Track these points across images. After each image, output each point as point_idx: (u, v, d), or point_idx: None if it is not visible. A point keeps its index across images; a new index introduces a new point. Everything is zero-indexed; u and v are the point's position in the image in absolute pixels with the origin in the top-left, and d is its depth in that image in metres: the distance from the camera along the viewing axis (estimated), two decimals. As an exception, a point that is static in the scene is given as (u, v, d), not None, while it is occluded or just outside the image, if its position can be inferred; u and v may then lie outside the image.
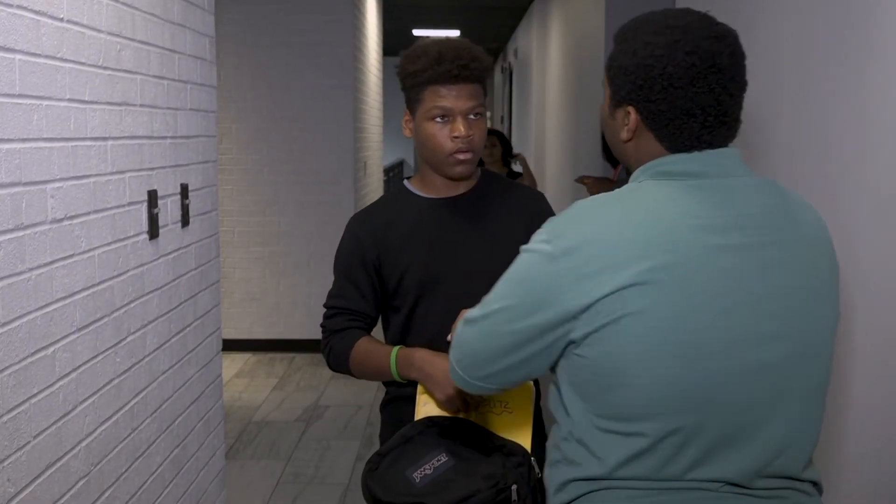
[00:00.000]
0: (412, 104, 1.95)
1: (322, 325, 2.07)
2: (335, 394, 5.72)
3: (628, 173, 1.42)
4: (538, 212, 1.98)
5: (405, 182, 2.07)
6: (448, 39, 1.93)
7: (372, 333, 2.05)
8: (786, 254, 1.30)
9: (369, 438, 4.88)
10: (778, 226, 1.31)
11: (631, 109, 1.34)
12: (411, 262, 1.95)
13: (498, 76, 17.05)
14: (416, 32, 13.18)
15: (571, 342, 1.28)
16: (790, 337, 1.29)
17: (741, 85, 1.35)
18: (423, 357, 1.88)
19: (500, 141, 5.91)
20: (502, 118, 15.26)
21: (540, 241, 1.30)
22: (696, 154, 1.31)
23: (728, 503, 1.30)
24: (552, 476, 1.39)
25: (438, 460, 1.69)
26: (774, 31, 2.51)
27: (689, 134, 1.30)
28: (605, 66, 1.40)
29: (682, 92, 1.28)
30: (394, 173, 13.41)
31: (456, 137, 1.88)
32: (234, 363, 6.39)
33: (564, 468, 1.36)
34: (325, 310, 2.07)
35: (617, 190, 1.34)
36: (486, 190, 2.03)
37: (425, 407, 1.85)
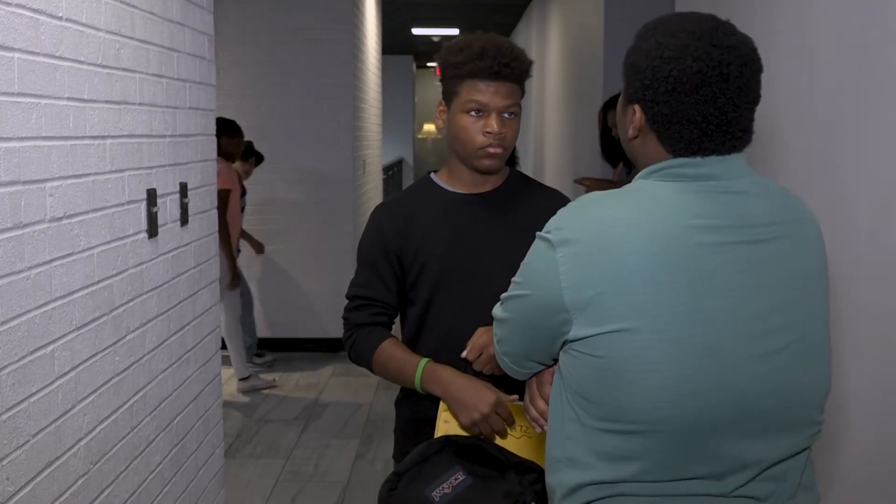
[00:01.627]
0: (449, 95, 1.95)
1: (344, 318, 2.04)
2: (334, 392, 5.72)
3: (629, 173, 1.43)
4: None
5: (432, 175, 2.07)
6: (493, 36, 1.94)
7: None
8: (785, 251, 1.31)
9: (368, 437, 4.88)
10: (778, 224, 1.32)
11: (637, 108, 1.35)
12: (430, 256, 1.95)
13: (497, 74, 17.06)
14: (416, 31, 13.17)
15: (571, 340, 1.30)
16: (791, 331, 1.30)
17: (751, 98, 1.32)
18: (450, 378, 1.85)
19: None
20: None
21: (545, 231, 1.33)
22: (698, 159, 1.31)
23: None
24: (557, 478, 1.38)
25: (456, 479, 1.69)
26: (774, 30, 2.51)
27: (689, 140, 1.30)
28: (623, 62, 1.41)
29: (686, 97, 1.28)
30: (393, 172, 13.41)
31: (488, 133, 1.88)
32: (233, 361, 6.39)
33: (571, 471, 1.35)
34: (347, 300, 2.05)
35: (620, 188, 1.35)
36: (512, 189, 2.03)
37: (446, 424, 1.84)
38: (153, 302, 2.50)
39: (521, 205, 2.01)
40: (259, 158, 6.07)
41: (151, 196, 2.46)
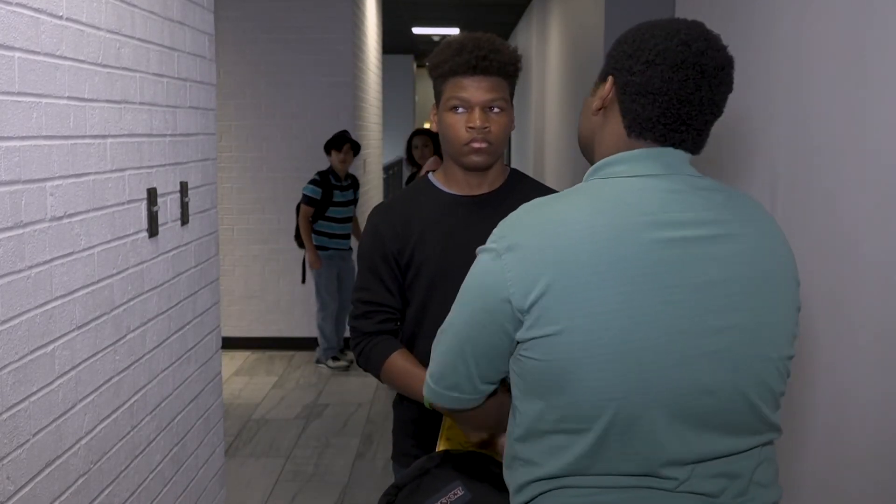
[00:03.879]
0: (437, 96, 1.96)
1: (351, 326, 2.02)
2: (334, 392, 5.72)
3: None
4: None
5: (430, 175, 2.06)
6: (476, 34, 1.94)
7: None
8: (734, 250, 1.31)
9: (368, 436, 4.88)
10: (724, 221, 1.33)
11: (610, 78, 1.39)
12: (425, 257, 1.95)
13: (497, 74, 17.06)
14: (416, 30, 13.17)
15: (518, 342, 1.31)
16: (739, 327, 1.29)
17: (716, 105, 1.36)
18: None
19: (433, 140, 6.10)
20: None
21: (489, 241, 1.35)
22: (643, 151, 1.35)
23: (683, 500, 1.31)
24: (511, 478, 1.41)
25: (455, 493, 1.68)
26: (773, 29, 2.51)
27: (648, 116, 1.34)
28: (606, 53, 1.45)
29: (661, 71, 1.32)
30: (393, 172, 13.41)
31: (471, 128, 1.87)
32: (233, 361, 6.39)
33: (522, 469, 1.38)
34: (352, 305, 2.03)
35: (563, 191, 1.37)
36: (510, 191, 2.01)
37: (449, 442, 1.84)
38: (153, 301, 2.50)
39: (518, 205, 2.00)
40: (356, 147, 6.14)
41: (152, 195, 2.46)
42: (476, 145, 1.88)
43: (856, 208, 2.01)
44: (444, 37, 14.03)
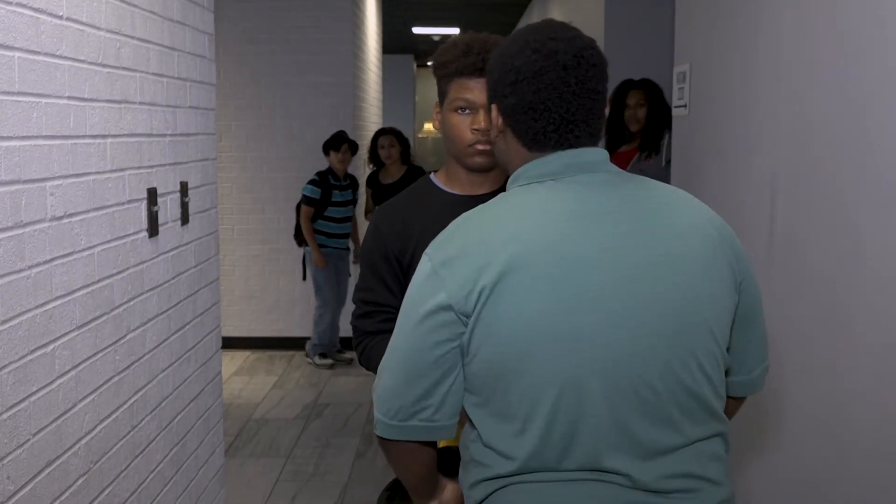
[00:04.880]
0: (441, 96, 1.96)
1: (353, 325, 2.02)
2: (335, 391, 5.72)
3: (644, 157, 1.45)
4: None
5: (431, 176, 2.06)
6: (479, 34, 1.95)
7: None
8: (648, 238, 1.34)
9: (369, 436, 4.88)
10: (637, 213, 1.36)
11: (494, 107, 1.46)
12: None
13: (497, 74, 17.04)
14: (416, 30, 13.17)
15: (464, 351, 1.35)
16: (664, 314, 1.32)
17: (592, 90, 1.39)
18: None
19: (399, 140, 6.13)
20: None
21: (423, 260, 1.40)
22: (553, 156, 1.40)
23: (628, 495, 1.33)
24: (464, 477, 1.44)
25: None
26: (774, 28, 2.51)
27: (535, 132, 1.39)
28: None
29: (528, 86, 1.37)
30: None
31: (476, 130, 1.88)
32: (233, 361, 6.39)
33: (474, 469, 1.41)
34: (354, 304, 2.04)
35: (487, 202, 1.43)
36: None
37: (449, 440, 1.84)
38: (154, 301, 2.50)
39: None
40: (354, 147, 6.17)
41: (152, 195, 2.46)
42: (480, 147, 1.89)
43: (856, 208, 2.01)
44: (444, 37, 14.02)
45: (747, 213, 2.61)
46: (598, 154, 1.41)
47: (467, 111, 1.89)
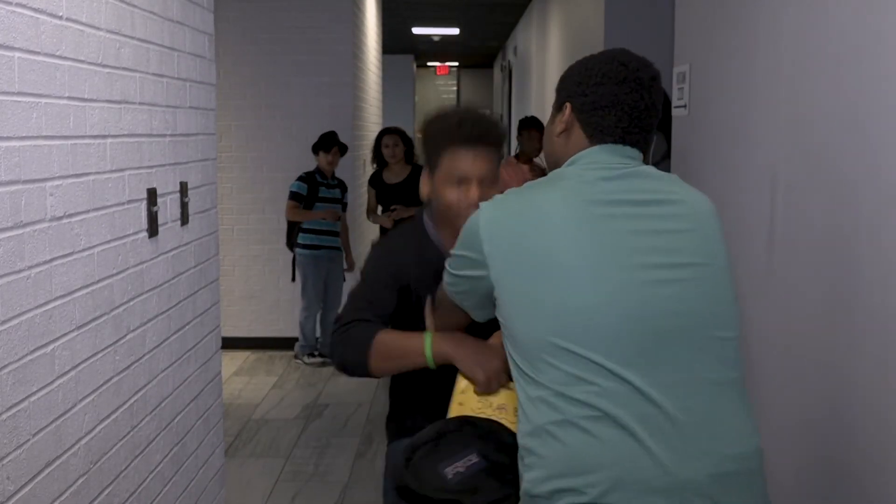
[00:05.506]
0: (431, 163, 2.02)
1: (334, 331, 2.01)
2: (334, 391, 5.72)
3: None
4: None
5: (424, 219, 2.12)
6: (469, 108, 2.09)
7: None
8: (668, 224, 1.58)
9: (369, 436, 4.88)
10: (665, 201, 1.60)
11: (567, 105, 1.69)
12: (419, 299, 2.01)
13: (497, 74, 17.05)
14: (416, 30, 13.17)
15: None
16: (679, 283, 1.54)
17: (654, 106, 1.66)
18: (463, 336, 1.87)
19: (403, 140, 6.11)
20: (501, 116, 15.26)
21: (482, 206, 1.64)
22: (603, 147, 1.64)
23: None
24: (527, 417, 1.56)
25: (470, 460, 1.69)
26: (773, 29, 2.51)
27: (607, 125, 1.64)
28: (556, 88, 1.76)
29: (608, 89, 1.64)
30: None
31: (470, 203, 1.91)
32: (233, 361, 6.39)
33: (536, 414, 1.55)
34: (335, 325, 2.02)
35: (539, 180, 1.67)
36: None
37: (461, 407, 1.84)
38: (153, 301, 2.50)
39: None
40: (343, 149, 6.22)
41: (152, 195, 2.46)
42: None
43: (856, 208, 2.01)
44: (444, 37, 14.03)
45: (747, 213, 2.61)
46: (636, 156, 1.67)
47: (461, 183, 1.95)
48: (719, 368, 1.53)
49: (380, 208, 6.18)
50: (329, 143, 6.07)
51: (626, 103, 1.63)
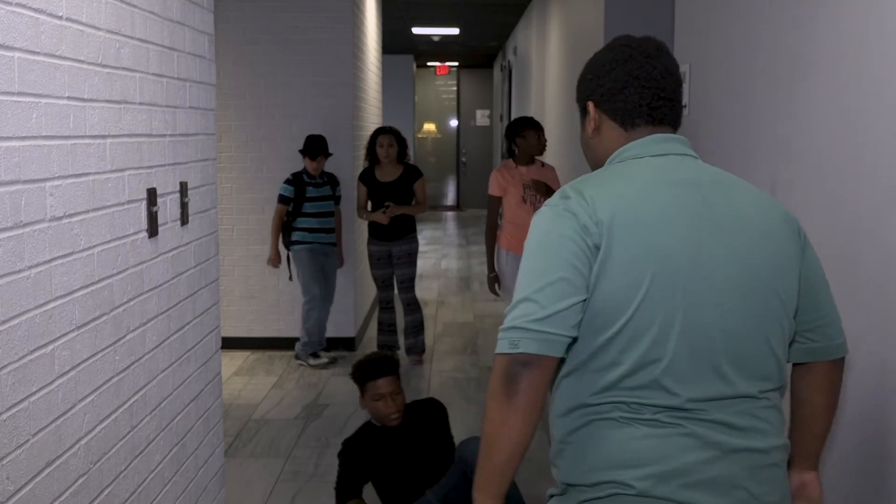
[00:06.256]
0: (362, 391, 3.54)
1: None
2: (334, 392, 5.72)
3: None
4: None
5: (371, 421, 3.64)
6: (374, 355, 3.63)
7: None
8: (740, 195, 1.62)
9: (368, 436, 4.88)
10: (711, 184, 1.61)
11: (590, 104, 1.73)
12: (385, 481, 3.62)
13: (497, 74, 17.04)
14: (416, 31, 13.17)
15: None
16: (743, 271, 1.55)
17: (673, 74, 1.68)
18: None
19: (397, 140, 6.20)
20: (501, 116, 15.25)
21: (554, 200, 1.60)
22: (643, 140, 1.66)
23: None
24: (552, 410, 1.63)
25: None
26: (773, 28, 2.51)
27: (632, 105, 1.66)
28: (576, 100, 1.80)
29: (620, 70, 1.67)
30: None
31: (389, 411, 3.50)
32: (233, 361, 6.39)
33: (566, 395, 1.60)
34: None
35: (596, 171, 1.69)
36: (414, 416, 3.63)
37: None
38: (153, 301, 2.50)
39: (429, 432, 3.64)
40: (327, 154, 6.27)
41: (151, 195, 2.46)
42: (393, 417, 3.51)
43: (856, 208, 2.01)
44: (444, 37, 14.01)
45: (747, 214, 2.61)
46: (683, 140, 1.68)
47: (381, 398, 3.48)
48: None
49: (370, 204, 6.27)
50: (314, 152, 6.13)
51: (641, 77, 1.65)
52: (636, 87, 1.65)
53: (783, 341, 1.61)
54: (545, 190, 5.35)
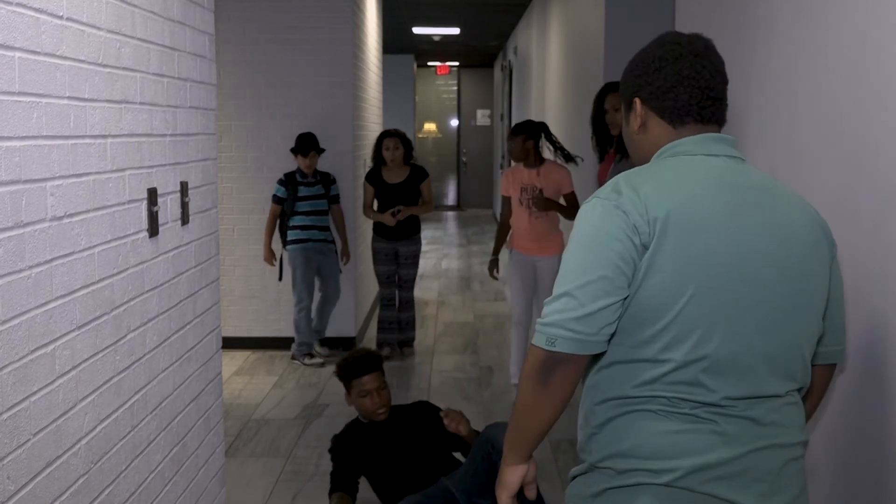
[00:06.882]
0: (348, 389, 3.62)
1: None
2: (335, 391, 5.72)
3: (620, 160, 1.68)
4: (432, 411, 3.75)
5: (358, 418, 3.73)
6: (361, 351, 3.70)
7: None
8: (784, 200, 1.65)
9: (369, 436, 4.88)
10: (760, 189, 1.63)
11: (636, 100, 1.73)
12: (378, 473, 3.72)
13: (498, 74, 17.04)
14: (416, 30, 13.17)
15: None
16: (782, 275, 1.59)
17: (722, 73, 1.69)
18: None
19: (403, 143, 6.26)
20: (502, 116, 15.25)
21: (606, 193, 1.61)
22: (695, 137, 1.67)
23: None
24: (589, 397, 1.67)
25: None
26: (773, 29, 2.51)
27: (681, 104, 1.67)
28: (620, 93, 1.80)
29: (670, 68, 1.67)
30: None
31: (375, 406, 3.58)
32: (233, 361, 6.39)
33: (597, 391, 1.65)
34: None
35: (645, 166, 1.70)
36: (405, 411, 3.75)
37: None
38: (154, 301, 2.50)
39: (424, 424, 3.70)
40: (320, 151, 6.33)
41: (152, 195, 2.46)
42: (380, 412, 3.59)
43: (855, 208, 2.01)
44: (444, 36, 14.02)
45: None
46: (733, 141, 1.69)
47: (367, 395, 3.56)
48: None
49: (376, 204, 6.31)
50: (305, 149, 6.17)
51: (691, 76, 1.66)
52: (686, 87, 1.66)
53: (812, 344, 1.67)
54: (543, 205, 5.30)
